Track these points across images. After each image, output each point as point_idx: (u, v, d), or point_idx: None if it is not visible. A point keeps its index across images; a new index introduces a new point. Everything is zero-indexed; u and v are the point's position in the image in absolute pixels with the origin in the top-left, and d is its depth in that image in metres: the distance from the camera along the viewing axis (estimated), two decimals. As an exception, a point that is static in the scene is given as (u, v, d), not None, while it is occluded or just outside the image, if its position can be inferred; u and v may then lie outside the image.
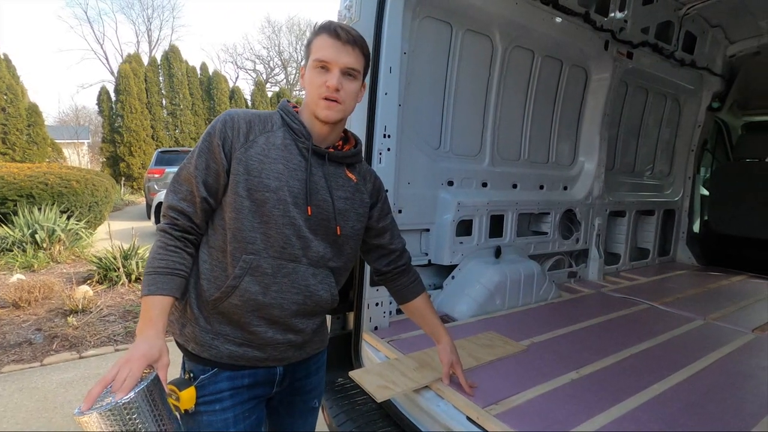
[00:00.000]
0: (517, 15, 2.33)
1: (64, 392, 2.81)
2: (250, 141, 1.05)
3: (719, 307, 2.49)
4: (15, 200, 6.71)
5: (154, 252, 1.02)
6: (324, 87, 1.05)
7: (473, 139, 2.51)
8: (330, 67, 1.05)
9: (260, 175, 1.02)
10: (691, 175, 3.86)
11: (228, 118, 1.06)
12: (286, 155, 1.06)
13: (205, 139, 1.05)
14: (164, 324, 0.96)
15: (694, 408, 1.36)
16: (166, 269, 1.00)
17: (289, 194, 1.04)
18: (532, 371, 1.57)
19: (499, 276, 2.30)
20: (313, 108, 1.07)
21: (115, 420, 0.75)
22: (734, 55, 3.61)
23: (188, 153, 1.11)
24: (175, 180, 1.07)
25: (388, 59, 1.86)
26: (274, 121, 1.10)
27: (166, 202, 1.06)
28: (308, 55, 1.09)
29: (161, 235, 1.04)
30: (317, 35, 1.08)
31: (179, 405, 1.00)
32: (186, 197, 1.05)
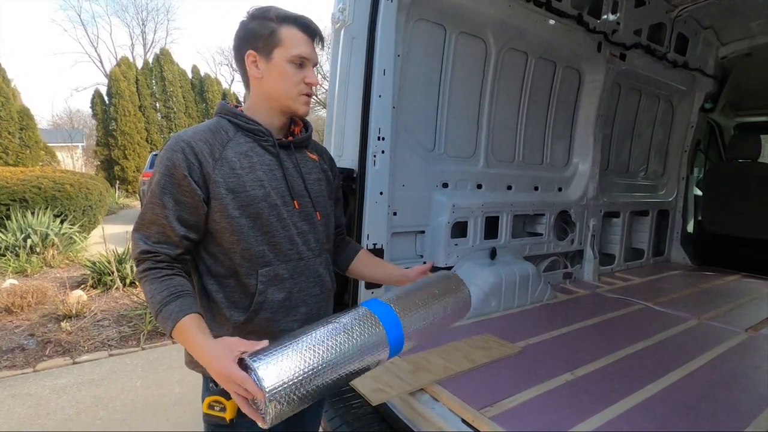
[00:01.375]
0: (511, 17, 2.34)
1: (57, 398, 2.78)
2: (218, 159, 0.99)
3: (713, 306, 2.50)
4: (8, 204, 6.65)
5: (149, 292, 0.93)
6: (303, 84, 1.04)
7: (468, 140, 2.51)
8: (306, 63, 1.04)
9: (245, 189, 1.00)
10: (684, 176, 3.88)
11: (184, 145, 0.97)
12: (257, 159, 1.04)
13: (164, 174, 0.96)
14: (207, 330, 0.91)
15: (688, 408, 1.37)
16: (171, 296, 0.92)
17: (277, 196, 1.04)
18: (527, 373, 1.58)
19: (494, 277, 2.30)
20: (289, 103, 1.05)
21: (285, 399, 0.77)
22: (726, 56, 3.64)
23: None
24: (141, 224, 0.98)
25: (382, 62, 1.86)
26: (226, 128, 1.04)
27: (137, 249, 0.96)
28: (272, 45, 1.02)
29: (145, 275, 0.95)
30: (284, 25, 1.02)
31: (225, 416, 0.98)
32: (159, 239, 0.96)
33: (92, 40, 29.21)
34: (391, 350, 0.95)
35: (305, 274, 1.09)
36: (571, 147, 3.08)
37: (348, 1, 1.80)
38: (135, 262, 0.99)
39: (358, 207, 1.88)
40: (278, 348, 0.81)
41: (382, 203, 1.94)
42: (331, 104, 1.94)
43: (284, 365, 0.78)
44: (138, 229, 0.98)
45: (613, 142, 3.44)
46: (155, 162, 1.00)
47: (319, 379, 0.81)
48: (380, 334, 0.92)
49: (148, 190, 0.99)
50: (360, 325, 0.90)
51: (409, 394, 1.44)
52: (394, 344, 0.95)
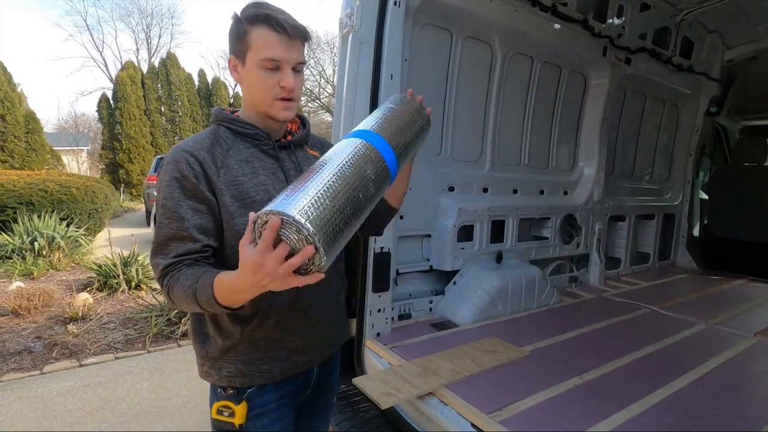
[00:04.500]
0: (517, 22, 2.35)
1: (64, 401, 2.80)
2: (221, 167, 0.97)
3: (721, 311, 2.49)
4: (14, 208, 6.70)
5: (179, 291, 0.88)
6: (278, 88, 0.97)
7: (474, 144, 2.52)
8: (281, 66, 0.96)
9: (249, 196, 0.98)
10: (690, 179, 3.87)
11: (187, 155, 0.95)
12: (259, 164, 1.03)
13: (174, 186, 0.93)
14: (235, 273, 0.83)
15: (697, 414, 1.36)
16: (196, 276, 0.87)
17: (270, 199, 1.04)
18: (536, 377, 1.57)
19: (500, 281, 2.30)
20: (267, 110, 1.00)
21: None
22: (731, 60, 3.64)
23: None
24: (158, 246, 0.94)
25: (389, 66, 1.87)
26: (224, 136, 1.02)
27: (158, 269, 0.92)
28: (245, 50, 0.96)
29: (169, 280, 0.90)
30: (254, 26, 0.94)
31: (234, 421, 0.99)
32: (180, 252, 0.92)
33: (97, 45, 29.48)
34: (391, 171, 0.94)
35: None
36: (577, 151, 3.08)
37: (355, 6, 1.81)
38: (161, 281, 0.92)
39: (365, 211, 1.89)
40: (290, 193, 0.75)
41: (389, 207, 1.95)
42: (339, 109, 1.95)
43: (296, 200, 0.72)
44: (156, 252, 0.94)
45: (619, 145, 3.43)
46: (159, 177, 0.96)
47: (341, 216, 0.75)
48: (386, 171, 0.91)
49: (157, 206, 0.95)
50: (374, 172, 0.87)
51: (417, 397, 1.44)
52: (393, 171, 0.94)
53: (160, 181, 0.96)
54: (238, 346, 1.03)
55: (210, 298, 0.83)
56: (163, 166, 0.97)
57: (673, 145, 3.87)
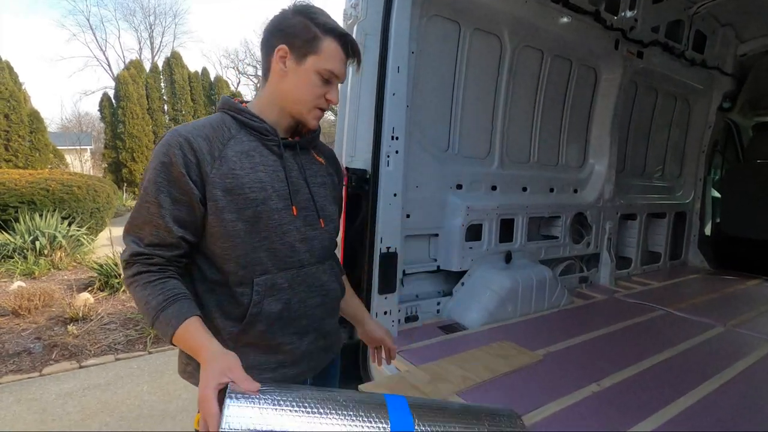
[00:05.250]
0: (527, 13, 2.27)
1: (63, 403, 2.74)
2: (218, 158, 0.92)
3: (738, 312, 2.40)
4: (16, 207, 6.67)
5: (141, 298, 0.86)
6: (323, 99, 0.99)
7: (482, 141, 2.44)
8: (334, 80, 1.00)
9: (243, 191, 0.92)
10: (702, 177, 3.78)
11: (182, 141, 0.90)
12: (259, 159, 0.97)
13: (160, 170, 0.89)
14: (210, 334, 0.85)
15: (724, 424, 1.29)
16: (167, 300, 0.86)
17: (278, 200, 0.97)
18: (551, 384, 1.50)
19: (510, 282, 2.23)
20: (303, 113, 1.00)
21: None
22: (745, 54, 3.54)
23: None
24: (133, 225, 0.91)
25: (396, 59, 1.80)
26: (228, 124, 0.97)
27: (127, 251, 0.90)
28: (309, 51, 0.96)
29: (135, 279, 0.88)
30: (327, 36, 0.96)
31: None
32: (153, 241, 0.90)
33: (101, 44, 29.51)
34: None
35: (306, 283, 1.02)
36: (587, 147, 3.00)
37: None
38: (124, 265, 0.91)
39: (371, 209, 1.82)
40: (262, 397, 0.71)
41: (396, 205, 1.88)
42: (343, 103, 1.88)
43: (252, 419, 0.68)
44: (129, 230, 0.92)
45: (629, 142, 3.35)
46: (151, 157, 0.93)
47: None
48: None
49: (141, 187, 0.93)
50: (363, 419, 0.75)
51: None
52: None
53: (151, 160, 0.92)
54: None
55: (168, 334, 0.85)
56: (156, 146, 0.93)
57: (685, 141, 3.78)
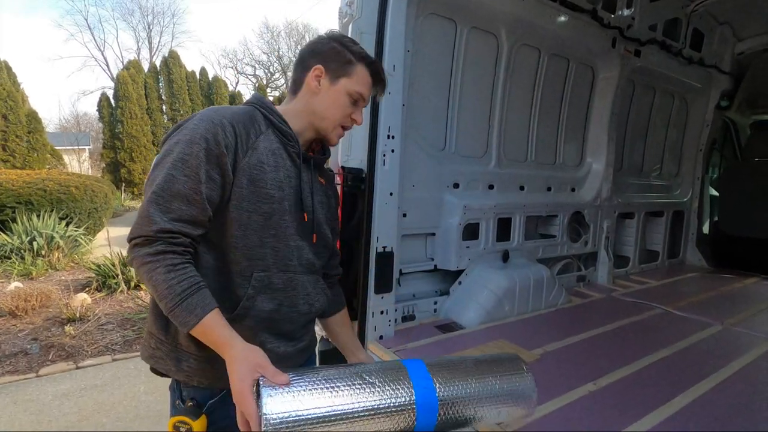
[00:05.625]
0: (524, 12, 2.26)
1: (60, 404, 2.73)
2: (250, 147, 0.95)
3: (736, 311, 2.40)
4: (13, 207, 6.65)
5: (163, 281, 0.83)
6: (349, 119, 1.08)
7: (479, 139, 2.43)
8: (360, 103, 1.09)
9: (265, 186, 0.95)
10: (699, 176, 3.78)
11: (226, 123, 0.90)
12: (280, 161, 1.00)
13: (202, 145, 0.87)
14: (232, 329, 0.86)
15: (722, 422, 1.28)
16: (192, 287, 0.84)
17: (288, 204, 1.00)
18: (547, 383, 1.49)
19: (507, 281, 2.22)
20: (328, 129, 1.07)
21: None
22: (743, 52, 3.54)
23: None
24: (162, 195, 0.85)
25: (392, 57, 1.79)
26: (259, 120, 1.00)
27: (153, 225, 0.83)
28: (343, 74, 1.05)
29: (158, 258, 0.83)
30: (361, 63, 1.06)
31: None
32: (182, 217, 0.86)
33: (99, 44, 29.33)
34: (419, 423, 0.84)
35: (297, 290, 1.05)
36: (585, 146, 2.99)
37: (356, -6, 1.73)
38: (143, 240, 0.84)
39: (367, 208, 1.81)
40: (294, 386, 0.76)
41: (392, 204, 1.87)
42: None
43: (291, 406, 0.74)
44: (157, 201, 0.85)
45: (627, 141, 3.34)
46: (184, 130, 0.90)
47: (316, 428, 0.75)
48: (408, 403, 0.82)
49: (172, 157, 0.87)
50: (386, 388, 0.82)
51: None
52: (424, 416, 0.84)
53: (185, 133, 0.89)
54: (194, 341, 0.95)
55: (190, 323, 0.83)
56: (194, 120, 0.91)
57: (683, 140, 3.78)
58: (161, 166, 0.88)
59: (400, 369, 0.87)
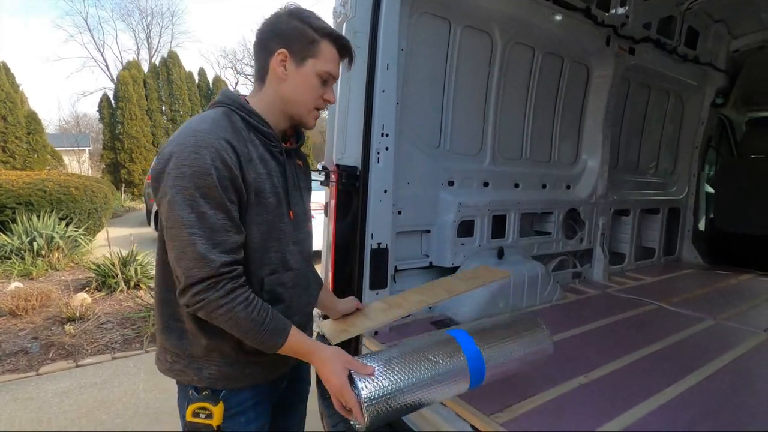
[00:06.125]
0: (517, 10, 2.28)
1: (59, 402, 2.75)
2: (249, 160, 0.94)
3: (729, 306, 2.42)
4: (13, 208, 6.67)
5: (246, 316, 0.88)
6: (320, 100, 1.04)
7: (474, 137, 2.45)
8: (331, 81, 1.04)
9: (265, 196, 0.97)
10: (695, 173, 3.79)
11: (225, 144, 0.89)
12: (270, 166, 1.01)
13: (211, 174, 0.86)
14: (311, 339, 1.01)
15: (710, 414, 1.30)
16: (269, 313, 0.93)
17: (283, 206, 1.02)
18: (539, 376, 1.51)
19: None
20: (303, 115, 1.04)
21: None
22: (738, 50, 3.55)
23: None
24: (203, 235, 0.85)
25: (385, 56, 1.81)
26: (239, 126, 0.97)
27: (211, 264, 0.85)
28: (308, 55, 0.99)
29: (232, 298, 0.87)
30: (325, 39, 1.00)
31: (212, 423, 0.97)
32: (230, 247, 0.89)
33: (98, 45, 29.39)
34: (472, 382, 1.07)
35: (302, 285, 1.09)
36: (580, 144, 3.01)
37: (350, -6, 1.75)
38: (209, 281, 0.85)
39: (361, 206, 1.83)
40: (378, 373, 0.95)
41: (387, 202, 1.89)
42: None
43: (380, 389, 0.92)
44: (203, 242, 0.85)
45: (623, 138, 3.36)
46: (188, 162, 0.85)
47: (403, 400, 0.95)
48: (463, 368, 1.05)
49: (189, 194, 0.85)
50: (446, 359, 1.03)
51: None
52: (475, 376, 1.07)
53: (189, 165, 0.85)
54: (223, 347, 0.98)
55: (279, 344, 0.93)
56: (190, 149, 0.86)
57: (678, 137, 3.79)
58: (184, 207, 0.85)
59: (449, 341, 1.08)
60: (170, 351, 1.01)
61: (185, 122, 0.96)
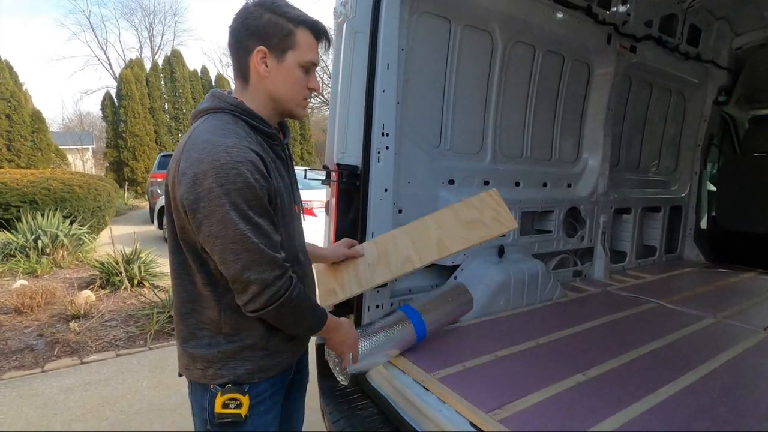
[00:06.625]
0: (518, 9, 2.28)
1: (65, 399, 2.79)
2: (271, 166, 1.00)
3: (729, 305, 2.42)
4: (18, 206, 6.73)
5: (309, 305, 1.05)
6: (306, 89, 1.04)
7: (474, 136, 2.46)
8: (312, 69, 1.04)
9: (281, 196, 1.01)
10: (697, 171, 3.78)
11: (255, 157, 0.91)
12: (279, 166, 1.04)
13: (257, 186, 0.90)
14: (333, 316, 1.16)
15: (706, 412, 1.31)
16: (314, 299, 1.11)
17: (290, 204, 1.07)
18: (537, 373, 1.52)
19: (502, 276, 2.25)
20: (293, 108, 1.05)
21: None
22: (740, 47, 3.54)
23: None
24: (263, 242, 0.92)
25: (385, 56, 1.82)
26: (246, 130, 0.98)
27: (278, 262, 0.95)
28: (287, 48, 0.98)
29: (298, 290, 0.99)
30: (299, 28, 0.98)
31: (241, 412, 1.01)
32: (279, 247, 0.98)
33: (101, 44, 29.52)
34: (418, 338, 1.61)
35: (309, 277, 1.15)
36: (581, 142, 3.01)
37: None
38: (283, 279, 0.95)
39: (362, 205, 1.84)
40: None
41: (387, 200, 1.90)
42: (334, 100, 1.90)
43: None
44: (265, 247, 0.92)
45: (624, 136, 3.36)
46: (224, 178, 0.87)
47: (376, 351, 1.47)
48: (411, 330, 1.58)
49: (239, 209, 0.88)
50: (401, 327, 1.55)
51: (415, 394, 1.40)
52: (420, 335, 1.61)
53: (233, 181, 0.87)
54: (255, 342, 1.02)
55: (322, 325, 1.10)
56: (228, 165, 0.87)
57: (680, 135, 3.78)
58: (240, 221, 0.88)
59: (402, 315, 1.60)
60: (200, 359, 1.03)
61: (199, 133, 0.93)
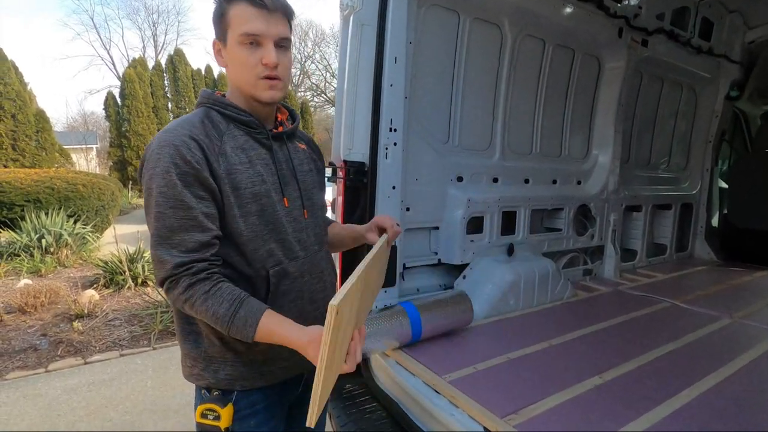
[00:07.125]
0: (527, 2, 2.23)
1: (68, 399, 2.76)
2: (219, 153, 0.91)
3: (745, 304, 2.36)
4: (22, 205, 6.72)
5: (205, 311, 0.85)
6: (260, 66, 0.92)
7: (483, 132, 2.41)
8: (262, 41, 0.91)
9: (246, 186, 0.93)
10: (709, 168, 3.71)
11: (186, 139, 0.87)
12: (252, 154, 0.97)
13: (174, 172, 0.85)
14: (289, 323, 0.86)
15: (726, 416, 1.26)
16: (233, 303, 0.85)
17: (275, 193, 0.98)
18: (553, 376, 1.48)
19: (512, 275, 2.20)
20: (251, 91, 0.95)
21: None
22: (753, 41, 3.47)
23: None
24: (162, 236, 0.86)
25: (393, 49, 1.77)
26: (217, 120, 0.95)
27: (166, 265, 0.85)
28: (225, 29, 0.92)
29: (190, 295, 0.85)
30: (233, 3, 0.90)
31: (219, 425, 0.95)
32: (190, 246, 0.86)
33: (105, 43, 29.59)
34: (413, 337, 1.68)
35: (311, 271, 1.05)
36: (591, 138, 2.95)
37: (357, -14, 1.71)
38: (167, 282, 0.86)
39: (369, 202, 1.80)
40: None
41: (395, 198, 1.86)
42: (340, 95, 1.86)
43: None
44: (160, 243, 0.86)
45: (634, 132, 3.29)
46: (151, 163, 0.87)
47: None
48: (407, 326, 1.66)
49: (152, 197, 0.86)
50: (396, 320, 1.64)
51: (426, 398, 1.36)
52: (415, 333, 1.67)
53: (153, 167, 0.86)
54: (236, 345, 0.96)
55: (249, 335, 0.85)
56: (154, 150, 0.87)
57: (691, 131, 3.72)
58: (149, 208, 0.88)
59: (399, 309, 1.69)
60: (189, 356, 1.00)
61: None
